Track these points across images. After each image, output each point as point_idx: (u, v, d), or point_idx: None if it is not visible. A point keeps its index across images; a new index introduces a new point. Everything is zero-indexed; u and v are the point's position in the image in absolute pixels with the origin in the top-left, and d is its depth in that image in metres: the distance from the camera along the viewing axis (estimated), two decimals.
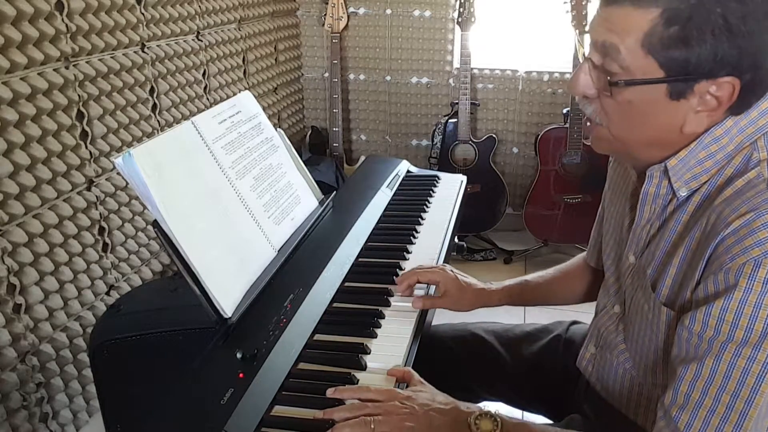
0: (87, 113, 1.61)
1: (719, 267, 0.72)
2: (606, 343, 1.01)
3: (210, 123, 1.11)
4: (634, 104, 0.79)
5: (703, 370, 0.73)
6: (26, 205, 1.43)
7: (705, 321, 0.73)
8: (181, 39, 2.04)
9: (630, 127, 0.82)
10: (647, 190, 0.86)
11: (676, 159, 0.81)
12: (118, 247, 1.78)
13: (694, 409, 0.74)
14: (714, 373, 0.72)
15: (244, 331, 0.96)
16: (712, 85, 0.75)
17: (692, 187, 0.81)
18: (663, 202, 0.86)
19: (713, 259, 0.73)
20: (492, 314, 1.27)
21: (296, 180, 1.28)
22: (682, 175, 0.81)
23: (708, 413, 0.73)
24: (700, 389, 0.73)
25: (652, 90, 0.77)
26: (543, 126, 2.75)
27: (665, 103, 0.77)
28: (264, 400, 0.86)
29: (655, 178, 0.85)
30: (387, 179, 1.60)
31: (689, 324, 0.75)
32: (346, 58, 3.03)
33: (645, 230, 0.90)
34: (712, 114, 0.77)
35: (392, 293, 1.17)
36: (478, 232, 2.89)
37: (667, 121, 0.79)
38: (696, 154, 0.80)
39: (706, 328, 0.73)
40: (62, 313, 1.57)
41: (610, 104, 0.81)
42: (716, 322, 0.72)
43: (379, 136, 3.16)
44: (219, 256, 0.99)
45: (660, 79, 0.76)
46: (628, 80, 0.77)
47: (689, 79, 0.75)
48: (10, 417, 1.44)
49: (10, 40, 1.35)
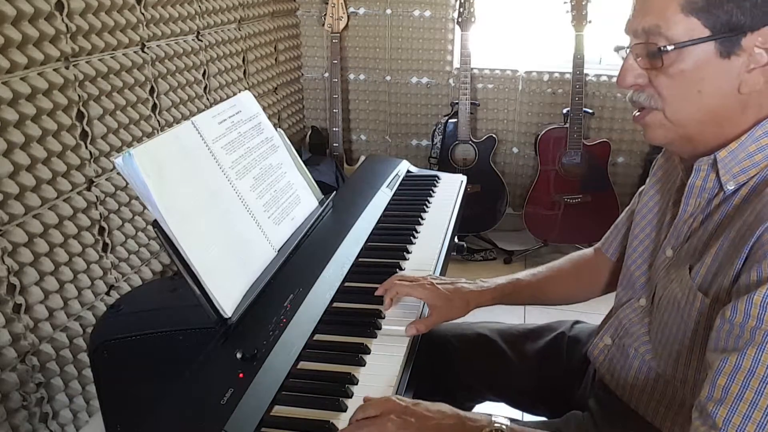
0: (87, 113, 1.60)
1: (763, 256, 0.70)
2: (627, 335, 1.00)
3: (210, 123, 1.11)
4: (687, 72, 0.79)
5: (744, 362, 0.69)
6: (26, 205, 1.43)
7: (747, 311, 0.70)
8: (181, 39, 2.04)
9: (687, 100, 0.82)
10: (693, 182, 0.86)
11: (726, 151, 0.81)
12: (118, 247, 1.78)
13: (733, 403, 0.70)
14: (757, 363, 0.69)
15: (244, 331, 0.96)
16: (759, 36, 0.75)
17: (740, 180, 0.81)
18: (708, 196, 0.85)
19: (756, 248, 0.72)
20: (492, 314, 1.27)
21: (296, 180, 1.28)
22: (731, 168, 0.81)
23: (749, 407, 0.69)
24: (741, 382, 0.69)
25: (702, 51, 0.78)
26: (543, 126, 2.75)
27: (717, 64, 0.78)
28: (264, 400, 0.86)
29: (703, 171, 0.84)
30: (387, 179, 1.60)
31: (730, 315, 0.72)
32: (346, 58, 3.02)
33: (687, 224, 0.89)
34: (765, 70, 0.77)
35: None
36: (478, 232, 2.89)
37: (722, 83, 0.79)
38: (746, 146, 0.80)
39: (748, 318, 0.70)
40: (62, 313, 1.57)
41: (663, 82, 0.82)
42: (759, 311, 0.69)
43: (379, 136, 3.16)
44: (219, 256, 0.99)
45: (707, 38, 0.77)
46: (677, 44, 0.78)
47: (735, 34, 0.76)
48: (10, 417, 1.44)
49: (10, 40, 1.35)
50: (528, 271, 1.23)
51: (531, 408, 1.26)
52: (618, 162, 2.89)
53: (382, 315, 1.10)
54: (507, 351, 1.22)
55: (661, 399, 0.93)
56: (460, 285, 1.14)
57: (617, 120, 2.82)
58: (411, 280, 1.12)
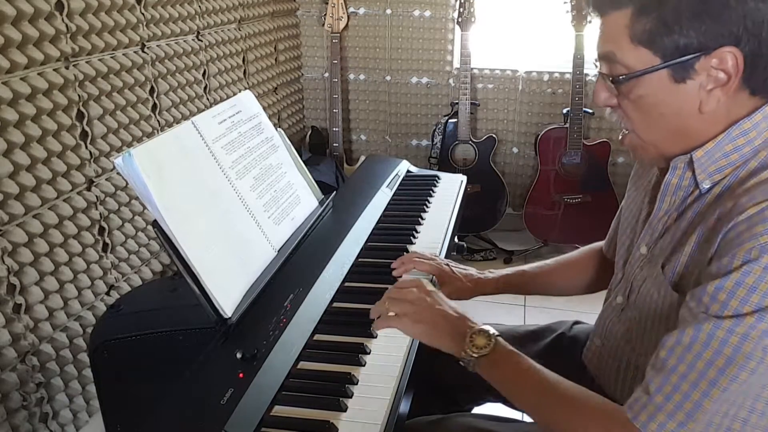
0: (87, 113, 1.61)
1: (727, 252, 0.73)
2: (610, 335, 1.01)
3: (210, 123, 1.11)
4: (646, 97, 0.81)
5: (683, 338, 0.74)
6: (26, 205, 1.43)
7: (700, 297, 0.74)
8: (181, 39, 2.04)
9: (651, 122, 0.84)
10: (669, 180, 0.87)
11: (702, 151, 0.81)
12: (118, 247, 1.78)
13: (667, 374, 0.75)
14: (694, 341, 0.73)
15: (244, 331, 0.96)
16: (712, 59, 0.76)
17: (715, 179, 0.82)
18: (684, 194, 0.86)
19: (724, 244, 0.74)
20: (492, 315, 1.27)
21: (296, 180, 1.28)
22: (707, 168, 0.82)
23: (680, 379, 0.74)
24: (678, 355, 0.74)
25: (656, 78, 0.79)
26: (543, 126, 2.75)
27: (673, 88, 0.79)
28: (264, 400, 0.86)
29: (679, 170, 0.85)
30: (387, 179, 1.60)
31: (688, 299, 0.77)
32: (346, 58, 3.03)
33: (662, 221, 0.90)
34: (726, 89, 0.77)
35: None
36: (478, 232, 2.89)
37: (682, 105, 0.80)
38: (723, 146, 0.80)
39: (699, 303, 0.74)
40: (62, 313, 1.57)
41: (627, 106, 0.84)
42: (709, 299, 0.73)
43: (379, 136, 3.16)
44: (219, 256, 0.99)
45: (658, 66, 0.78)
46: (629, 74, 0.80)
47: (687, 59, 0.77)
48: (10, 417, 1.44)
49: (10, 40, 1.35)
50: (535, 263, 1.26)
51: None
52: (618, 162, 2.89)
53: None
54: None
55: None
56: (471, 271, 1.23)
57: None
58: (427, 258, 1.19)
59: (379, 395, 0.91)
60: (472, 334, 0.91)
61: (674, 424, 0.73)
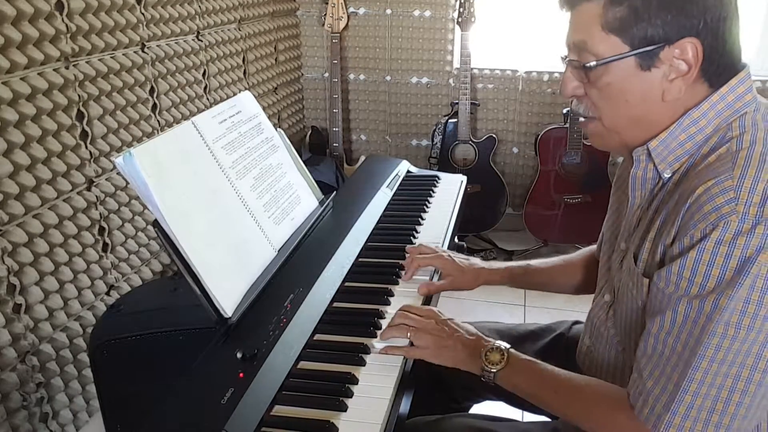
0: (87, 113, 1.61)
1: (685, 232, 0.77)
2: (599, 333, 1.03)
3: (210, 123, 1.11)
4: (613, 84, 0.85)
5: (664, 322, 0.79)
6: (26, 205, 1.43)
7: (667, 278, 0.79)
8: (181, 39, 2.04)
9: (616, 108, 0.87)
10: (635, 173, 0.91)
11: (656, 140, 0.86)
12: (118, 247, 1.78)
13: (657, 360, 0.80)
14: (672, 324, 0.78)
15: (244, 331, 0.96)
16: (675, 49, 0.80)
17: (675, 168, 0.86)
18: (651, 186, 0.91)
19: (681, 225, 0.78)
20: (492, 315, 1.27)
21: (296, 180, 1.28)
22: (665, 157, 0.86)
23: (665, 362, 0.79)
24: (661, 340, 0.79)
25: (624, 65, 0.83)
26: (543, 126, 2.75)
27: (639, 75, 0.83)
28: (264, 400, 0.86)
29: (642, 162, 0.89)
30: (387, 179, 1.60)
31: (656, 281, 0.81)
32: (346, 58, 3.02)
33: (636, 215, 0.94)
34: (686, 79, 0.82)
35: (392, 293, 1.17)
36: (478, 232, 2.89)
37: (646, 92, 0.84)
38: (676, 136, 0.84)
39: (669, 284, 0.79)
40: (62, 313, 1.57)
41: (594, 94, 0.88)
42: (675, 278, 0.77)
43: (379, 136, 3.16)
44: (219, 256, 0.99)
45: (626, 54, 0.82)
46: (599, 61, 0.84)
47: (652, 48, 0.81)
48: (10, 417, 1.44)
49: (10, 40, 1.35)
50: (540, 259, 1.30)
51: (531, 408, 1.26)
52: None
53: (383, 315, 1.10)
54: None
55: None
56: (474, 261, 1.26)
57: None
58: (430, 252, 1.24)
59: (379, 395, 0.91)
60: (486, 352, 0.97)
61: (660, 406, 0.78)
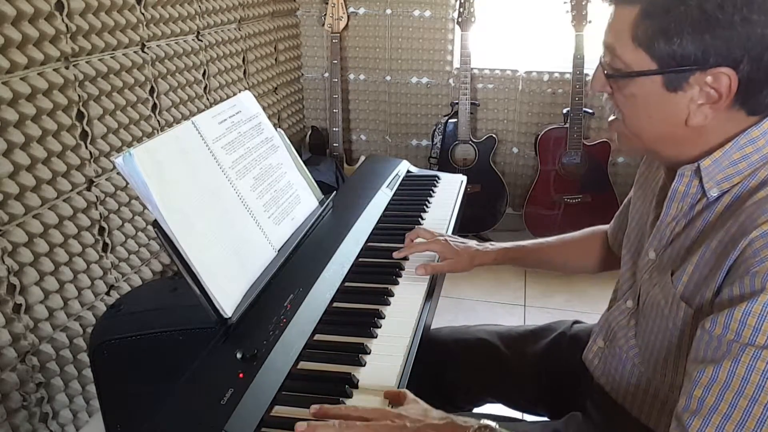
0: (87, 113, 1.61)
1: (746, 271, 0.70)
2: (616, 338, 1.01)
3: (210, 123, 1.11)
4: (637, 97, 0.82)
5: (719, 374, 0.70)
6: (26, 205, 1.43)
7: (726, 324, 0.71)
8: (181, 39, 2.04)
9: (638, 120, 0.84)
10: (676, 188, 0.86)
11: (710, 160, 0.80)
12: (118, 247, 1.78)
13: (708, 415, 0.70)
14: (732, 376, 0.69)
15: (244, 331, 0.95)
16: (708, 76, 0.75)
17: (723, 188, 0.81)
18: (691, 201, 0.85)
19: (740, 262, 0.72)
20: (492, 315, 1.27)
21: (296, 180, 1.28)
22: (714, 176, 0.81)
23: (723, 419, 0.69)
24: (716, 393, 0.70)
25: (649, 82, 0.79)
26: (543, 126, 2.76)
27: (664, 95, 0.79)
28: (264, 400, 0.86)
29: (686, 177, 0.84)
30: (387, 179, 1.60)
31: (710, 327, 0.73)
32: (346, 58, 3.03)
33: (670, 227, 0.89)
34: (715, 107, 0.77)
35: (392, 293, 1.17)
36: (478, 232, 2.89)
37: (670, 113, 0.80)
38: (730, 155, 0.79)
39: (727, 331, 0.71)
40: (62, 313, 1.57)
41: (619, 99, 0.85)
42: (738, 325, 0.69)
43: (379, 136, 3.16)
44: (219, 256, 0.99)
45: (653, 71, 0.78)
46: (624, 73, 0.80)
47: (682, 71, 0.76)
48: (10, 417, 1.44)
49: (10, 40, 1.35)
50: (536, 239, 1.30)
51: (531, 409, 1.26)
52: (618, 162, 2.89)
53: (383, 315, 1.10)
54: (507, 353, 1.22)
55: (653, 402, 0.93)
56: (470, 244, 1.27)
57: None
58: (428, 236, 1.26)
59: (379, 395, 0.91)
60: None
61: None
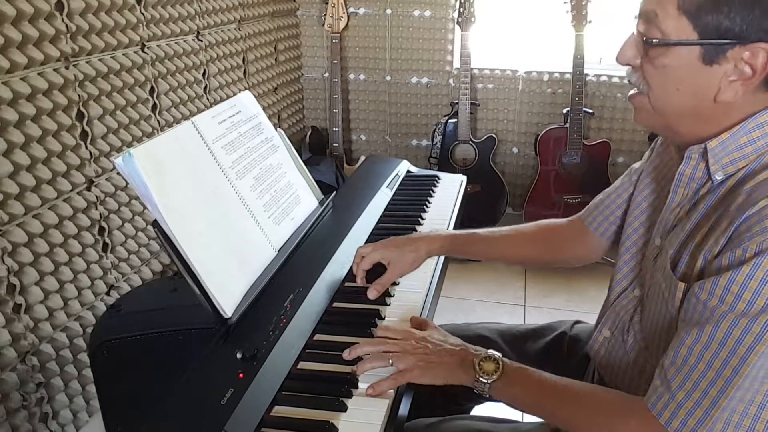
0: (87, 113, 1.61)
1: (738, 244, 0.73)
2: (623, 326, 1.01)
3: (210, 123, 1.11)
4: (669, 68, 0.81)
5: (702, 336, 0.76)
6: (26, 205, 1.43)
7: (712, 290, 0.75)
8: (181, 39, 2.04)
9: (666, 93, 0.83)
10: (683, 171, 0.86)
11: (717, 140, 0.81)
12: (118, 247, 1.78)
13: (688, 372, 0.77)
14: (711, 339, 0.75)
15: (244, 331, 0.96)
16: (746, 51, 0.75)
17: (728, 171, 0.81)
18: (697, 186, 0.86)
19: (735, 236, 0.75)
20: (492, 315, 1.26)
21: (296, 180, 1.28)
22: (720, 159, 0.81)
23: (699, 376, 0.76)
24: (697, 354, 0.76)
25: (686, 53, 0.79)
26: (543, 126, 2.76)
27: (698, 68, 0.79)
28: (264, 400, 0.86)
29: (693, 160, 0.85)
30: (387, 179, 1.60)
31: (698, 291, 0.77)
32: (346, 58, 3.03)
33: (674, 213, 0.90)
34: (746, 84, 0.77)
35: (391, 293, 1.17)
36: None
37: (700, 87, 0.80)
38: (738, 138, 0.80)
39: (712, 296, 0.75)
40: (62, 313, 1.57)
41: (649, 70, 0.83)
42: (722, 291, 0.74)
43: (379, 136, 3.16)
44: (219, 256, 0.99)
45: (693, 42, 0.78)
46: (663, 41, 0.80)
47: (722, 44, 0.76)
48: (10, 417, 1.44)
49: (10, 40, 1.35)
50: (488, 228, 1.27)
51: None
52: (618, 162, 2.89)
53: (382, 315, 1.10)
54: (507, 351, 1.22)
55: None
56: (413, 235, 1.24)
57: (617, 120, 2.83)
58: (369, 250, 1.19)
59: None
60: (479, 362, 0.92)
61: (694, 421, 0.76)
